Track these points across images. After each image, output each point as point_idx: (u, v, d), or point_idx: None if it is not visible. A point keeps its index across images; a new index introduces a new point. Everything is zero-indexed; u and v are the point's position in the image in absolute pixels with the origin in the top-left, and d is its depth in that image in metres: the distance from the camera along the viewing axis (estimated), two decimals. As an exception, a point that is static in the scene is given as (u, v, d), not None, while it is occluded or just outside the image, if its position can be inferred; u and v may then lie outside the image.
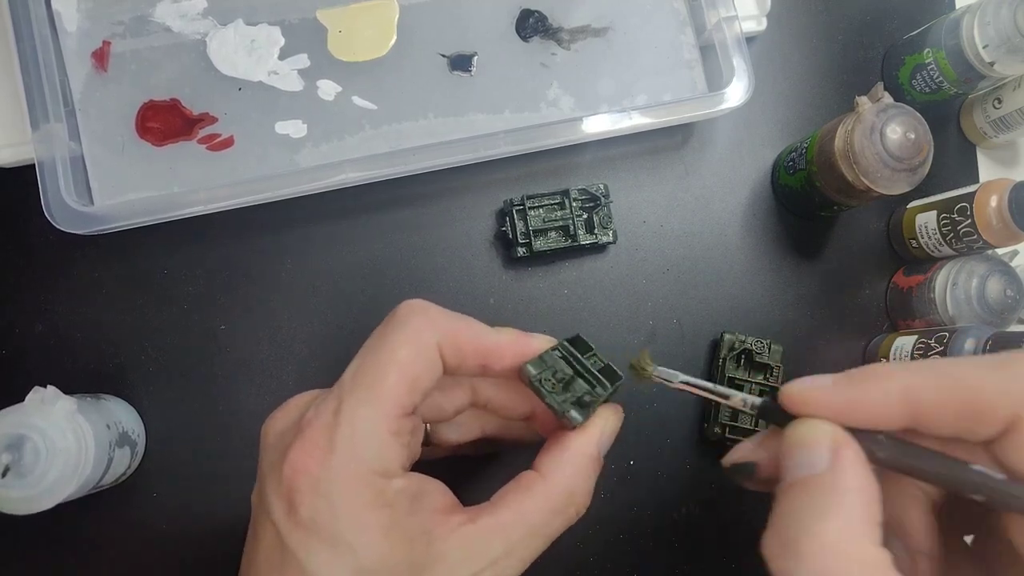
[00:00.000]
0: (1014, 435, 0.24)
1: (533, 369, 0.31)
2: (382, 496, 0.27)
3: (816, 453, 0.25)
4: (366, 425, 0.27)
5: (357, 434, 0.27)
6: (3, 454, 0.39)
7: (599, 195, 0.53)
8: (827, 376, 0.26)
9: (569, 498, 0.31)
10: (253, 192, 0.48)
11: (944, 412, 0.25)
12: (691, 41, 0.56)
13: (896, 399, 0.25)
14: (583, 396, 0.32)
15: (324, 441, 0.27)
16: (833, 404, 0.26)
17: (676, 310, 0.56)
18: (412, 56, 0.53)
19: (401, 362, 0.28)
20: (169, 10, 0.52)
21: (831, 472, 0.24)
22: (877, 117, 0.47)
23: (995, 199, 0.50)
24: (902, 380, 0.25)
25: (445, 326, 0.30)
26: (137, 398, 0.50)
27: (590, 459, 0.31)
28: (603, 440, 0.32)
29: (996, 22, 0.49)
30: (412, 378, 0.28)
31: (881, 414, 0.25)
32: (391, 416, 0.28)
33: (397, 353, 0.28)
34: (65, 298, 0.51)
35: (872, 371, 0.26)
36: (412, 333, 0.29)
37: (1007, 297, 0.51)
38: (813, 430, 0.25)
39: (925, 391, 0.25)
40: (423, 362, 0.29)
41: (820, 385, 0.26)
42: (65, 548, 0.49)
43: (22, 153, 0.49)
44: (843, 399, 0.25)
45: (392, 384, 0.28)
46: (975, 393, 0.24)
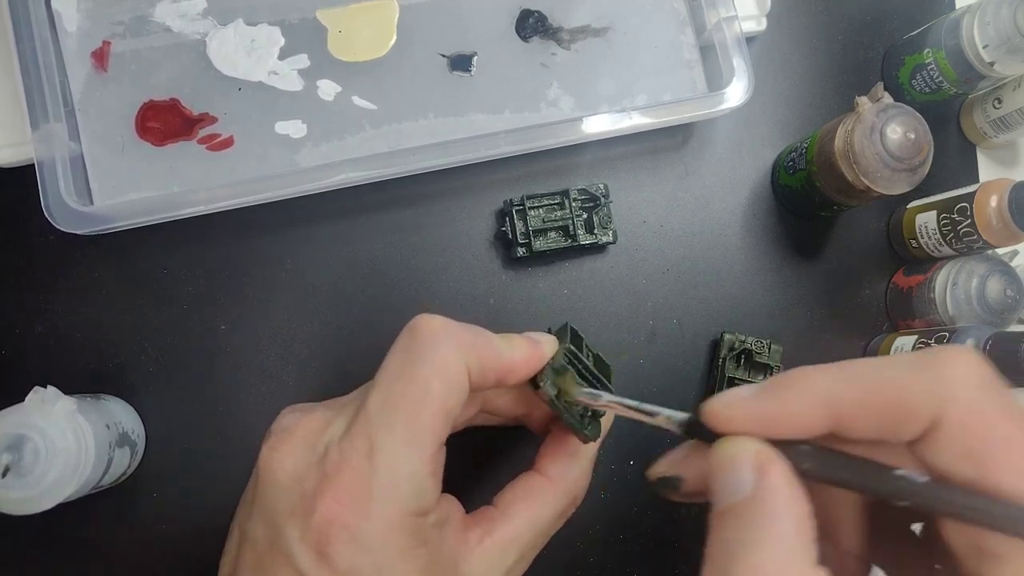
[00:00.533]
0: (936, 435, 0.23)
1: (551, 389, 0.32)
2: (419, 536, 0.26)
3: (741, 474, 0.24)
4: (407, 469, 0.26)
5: (398, 480, 0.26)
6: (3, 454, 0.39)
7: (599, 195, 0.53)
8: (748, 387, 0.26)
9: (574, 500, 0.31)
10: (253, 192, 0.48)
11: (867, 415, 0.24)
12: (691, 41, 0.56)
13: (818, 405, 0.24)
14: (592, 409, 0.32)
15: (361, 490, 0.26)
16: (754, 417, 0.25)
17: (676, 310, 0.56)
18: (412, 56, 0.53)
19: (436, 395, 0.27)
20: (169, 10, 0.52)
21: (758, 494, 0.23)
22: (877, 117, 0.47)
23: (995, 199, 0.50)
24: (823, 385, 0.24)
25: (471, 350, 0.29)
26: (137, 398, 0.50)
27: (592, 461, 0.32)
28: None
29: (996, 22, 0.49)
30: (447, 411, 0.28)
31: (804, 422, 0.24)
32: (430, 456, 0.27)
33: (431, 385, 0.27)
34: (65, 298, 0.51)
35: (792, 378, 0.25)
36: (442, 363, 0.28)
37: (1007, 297, 0.51)
38: (737, 448, 0.24)
39: (847, 395, 0.24)
40: (456, 393, 0.28)
41: (740, 398, 0.25)
42: (65, 548, 0.49)
43: (22, 153, 0.49)
44: (764, 411, 0.25)
45: (429, 421, 0.27)
46: (897, 394, 0.24)
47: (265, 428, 0.51)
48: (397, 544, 0.26)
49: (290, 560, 0.26)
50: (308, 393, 0.52)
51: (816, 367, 0.25)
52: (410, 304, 0.53)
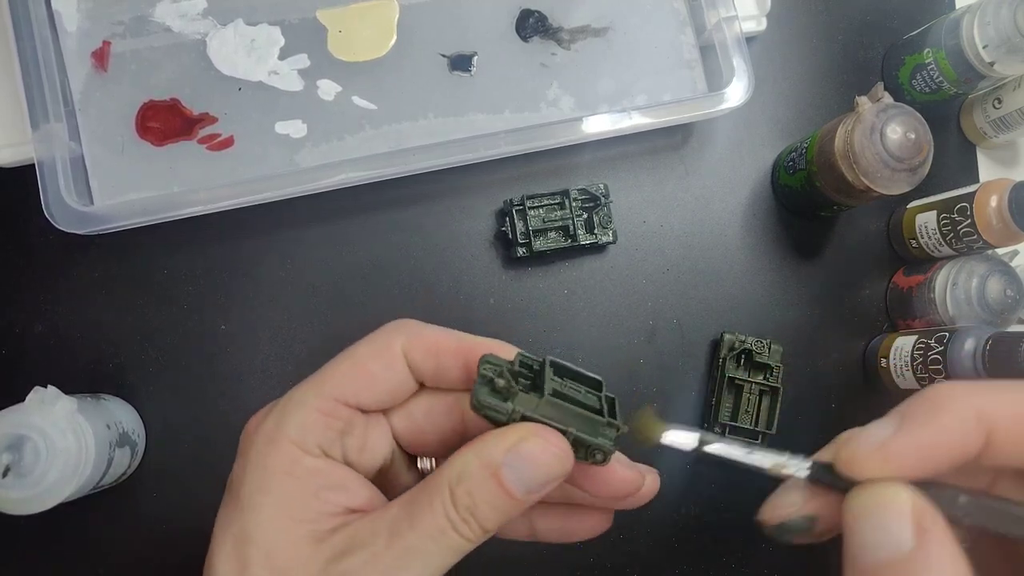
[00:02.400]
0: None
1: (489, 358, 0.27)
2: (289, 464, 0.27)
3: (897, 530, 0.21)
4: (300, 400, 0.28)
5: (289, 407, 0.28)
6: (3, 454, 0.39)
7: (599, 195, 0.53)
8: (884, 423, 0.23)
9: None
10: (253, 192, 0.48)
11: (1021, 440, 0.22)
12: (691, 41, 0.56)
13: (972, 426, 0.21)
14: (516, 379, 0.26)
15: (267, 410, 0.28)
16: (904, 455, 0.22)
17: (676, 310, 0.56)
18: (412, 56, 0.53)
19: (356, 355, 0.29)
20: (169, 10, 0.52)
21: (919, 554, 0.20)
22: (877, 117, 0.47)
23: (995, 199, 0.50)
24: (974, 405, 0.22)
25: (416, 332, 0.29)
26: (137, 398, 0.50)
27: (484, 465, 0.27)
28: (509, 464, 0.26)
29: (996, 22, 0.49)
30: (365, 372, 0.28)
31: (959, 449, 0.22)
32: (327, 397, 0.28)
33: (356, 350, 0.29)
34: (65, 298, 0.51)
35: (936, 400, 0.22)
36: (377, 337, 0.29)
37: (1007, 297, 0.51)
38: (887, 499, 0.21)
39: (1001, 416, 0.22)
40: (379, 361, 0.29)
41: (881, 437, 0.22)
42: (65, 548, 0.49)
43: (22, 153, 0.49)
44: (915, 447, 0.22)
45: (341, 371, 0.28)
46: None
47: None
48: (268, 459, 0.27)
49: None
50: (308, 393, 0.52)
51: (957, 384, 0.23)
52: (410, 304, 0.53)
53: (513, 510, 0.25)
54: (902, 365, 0.52)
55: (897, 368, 0.53)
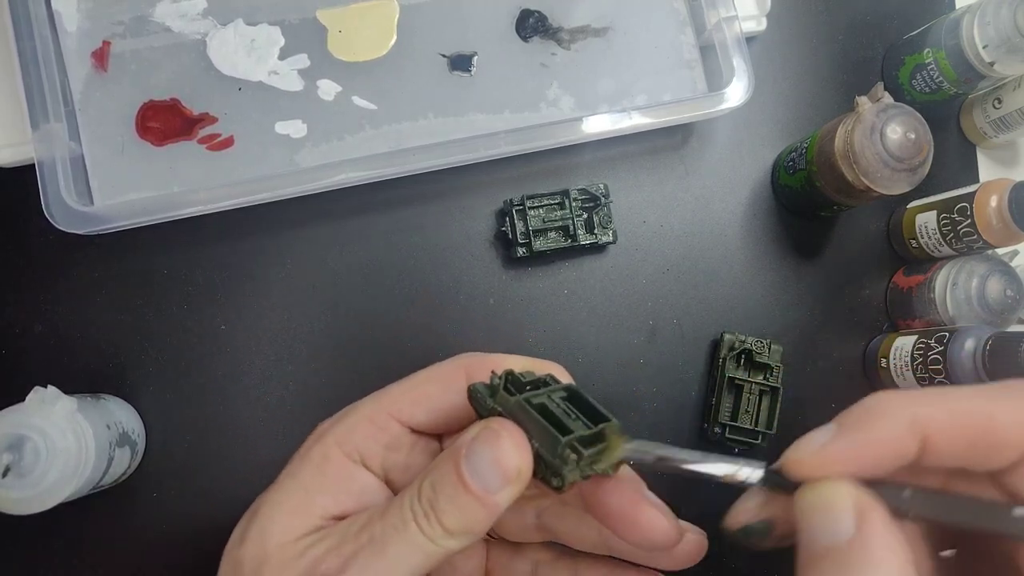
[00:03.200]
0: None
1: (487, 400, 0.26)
2: (322, 460, 0.28)
3: (839, 519, 0.23)
4: (358, 410, 0.29)
5: (347, 414, 0.29)
6: (3, 454, 0.39)
7: (599, 195, 0.53)
8: (824, 429, 0.24)
9: None
10: (253, 192, 0.48)
11: (954, 441, 0.23)
12: (691, 41, 0.56)
13: (906, 432, 0.23)
14: (505, 386, 0.26)
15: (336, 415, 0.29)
16: (841, 457, 0.24)
17: (676, 310, 0.56)
18: (412, 56, 0.53)
19: (416, 378, 0.29)
20: (169, 10, 0.52)
21: (859, 540, 0.22)
22: (877, 117, 0.47)
23: (995, 199, 0.50)
24: (909, 409, 0.23)
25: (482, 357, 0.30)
26: (137, 398, 0.50)
27: (451, 453, 0.27)
28: (472, 452, 0.25)
29: (996, 22, 0.49)
30: (422, 393, 0.29)
31: (895, 452, 0.23)
32: (380, 410, 0.29)
33: (418, 375, 0.30)
34: (65, 298, 0.51)
35: (873, 408, 0.24)
36: (440, 365, 0.30)
37: (1007, 297, 0.51)
38: (831, 494, 0.23)
39: (934, 419, 0.23)
40: (439, 386, 0.29)
41: (821, 441, 0.24)
42: (65, 548, 0.49)
43: (22, 153, 0.49)
44: (850, 449, 0.24)
45: (399, 390, 0.29)
46: (988, 422, 0.23)
47: (264, 428, 0.51)
48: (311, 454, 0.28)
49: None
50: (308, 392, 0.52)
51: (894, 392, 0.25)
52: (410, 304, 0.53)
53: (473, 512, 0.24)
54: (902, 365, 0.52)
55: (897, 368, 0.53)
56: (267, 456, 0.51)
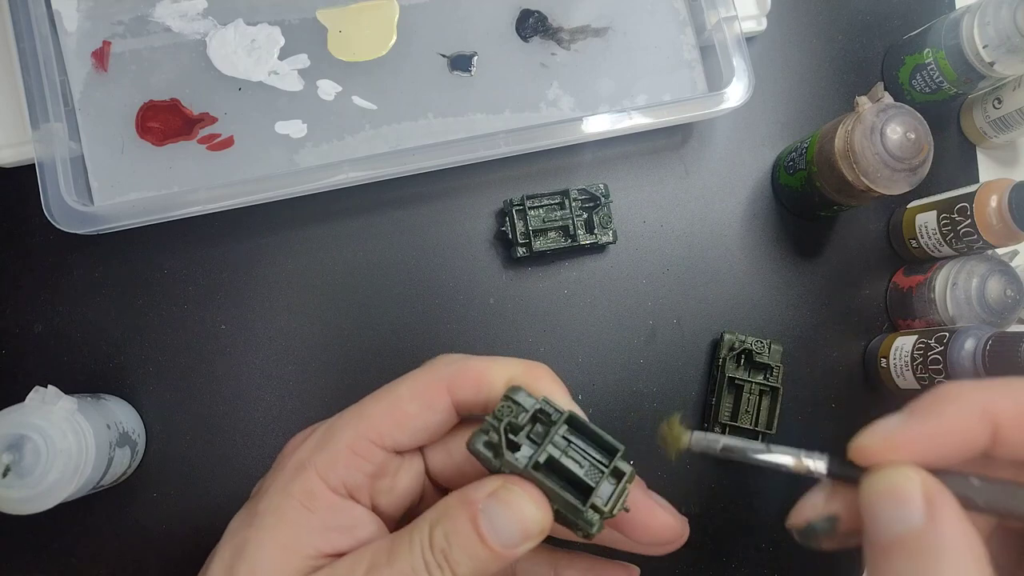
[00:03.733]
0: None
1: (512, 392, 0.26)
2: (308, 495, 0.27)
3: (908, 505, 0.22)
4: (335, 434, 0.27)
5: (324, 439, 0.27)
6: (4, 454, 0.39)
7: (599, 195, 0.53)
8: (895, 416, 0.24)
9: None
10: (253, 192, 0.48)
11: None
12: (691, 41, 0.56)
13: (977, 420, 0.23)
14: (510, 444, 0.25)
15: (306, 435, 0.28)
16: (916, 444, 0.23)
17: (676, 310, 0.56)
18: (412, 56, 0.53)
19: (396, 395, 0.28)
20: (169, 10, 0.52)
21: (931, 527, 0.21)
22: (877, 117, 0.47)
23: (995, 199, 0.50)
24: (980, 396, 0.23)
25: (461, 367, 0.28)
26: (137, 398, 0.50)
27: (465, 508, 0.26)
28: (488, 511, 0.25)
29: (996, 22, 0.49)
30: (403, 414, 0.27)
31: (966, 440, 0.23)
32: (361, 437, 0.27)
33: (397, 389, 0.28)
34: (65, 298, 0.51)
35: (944, 396, 0.23)
36: (419, 376, 0.28)
37: (1007, 297, 0.51)
38: (899, 479, 0.23)
39: (1005, 411, 0.23)
40: (419, 403, 0.28)
41: (891, 427, 0.23)
42: (65, 548, 0.49)
43: (22, 153, 0.49)
44: (920, 435, 0.23)
45: (379, 411, 0.28)
46: None
47: (264, 428, 0.51)
48: (289, 486, 0.27)
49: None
50: (308, 392, 0.52)
51: (967, 382, 0.24)
52: (410, 304, 0.53)
53: (488, 563, 0.24)
54: (902, 365, 0.52)
55: (897, 368, 0.53)
56: (267, 456, 0.51)
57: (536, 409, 0.26)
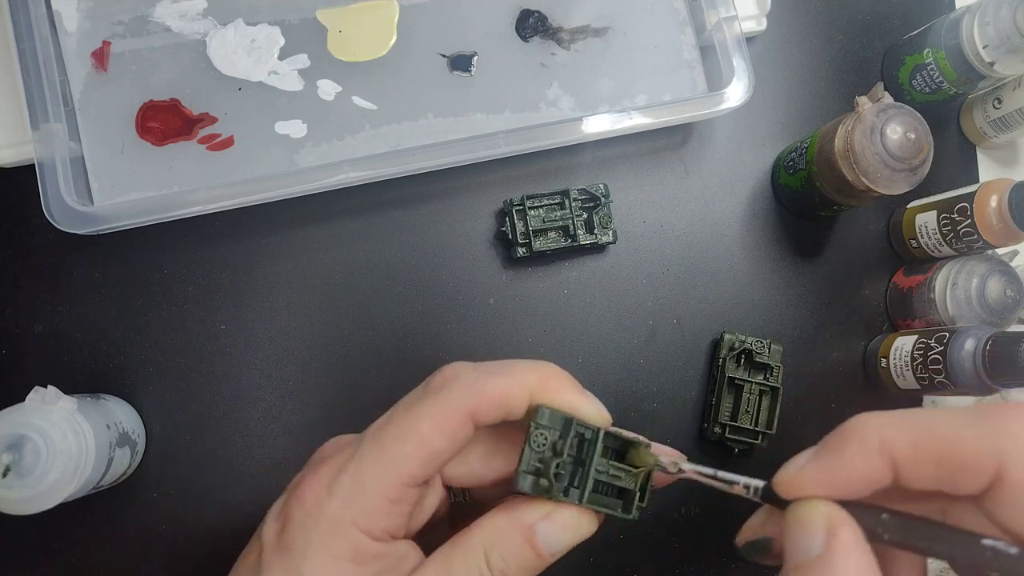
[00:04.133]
0: (998, 490, 0.24)
1: (542, 419, 0.28)
2: (355, 552, 0.27)
3: (811, 535, 0.25)
4: (367, 484, 0.27)
5: (355, 489, 0.27)
6: (4, 454, 0.39)
7: (599, 195, 0.53)
8: (808, 451, 0.26)
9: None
10: (253, 192, 0.48)
11: (922, 464, 0.24)
12: (691, 41, 0.56)
13: (876, 455, 0.25)
14: (555, 476, 0.28)
15: (328, 481, 0.27)
16: (819, 479, 0.25)
17: (676, 310, 0.56)
18: (412, 56, 0.53)
19: (421, 434, 0.27)
20: (169, 10, 0.52)
21: (827, 555, 0.24)
22: (877, 117, 0.47)
23: (995, 199, 0.50)
24: (877, 432, 0.25)
25: (479, 390, 0.28)
26: (137, 398, 0.50)
27: (518, 533, 0.28)
28: (544, 532, 0.28)
29: (996, 22, 0.49)
30: (430, 452, 0.28)
31: (867, 474, 0.25)
32: (396, 484, 0.27)
33: (420, 425, 0.28)
34: (65, 298, 0.51)
35: (848, 430, 0.26)
36: (441, 406, 0.28)
37: (1007, 297, 0.51)
38: (807, 511, 0.25)
39: (901, 441, 0.24)
40: (445, 437, 0.28)
41: (801, 464, 0.26)
42: (65, 548, 0.49)
43: (22, 153, 0.49)
44: (827, 471, 0.25)
45: (407, 454, 0.27)
46: (953, 446, 0.24)
47: (264, 428, 0.51)
48: (331, 547, 0.27)
49: (261, 531, 0.28)
50: (308, 392, 0.52)
51: (873, 414, 0.26)
52: (410, 304, 0.53)
53: (540, 569, 0.28)
54: (902, 365, 0.52)
55: (897, 368, 0.53)
56: (267, 456, 0.51)
57: (574, 436, 0.28)
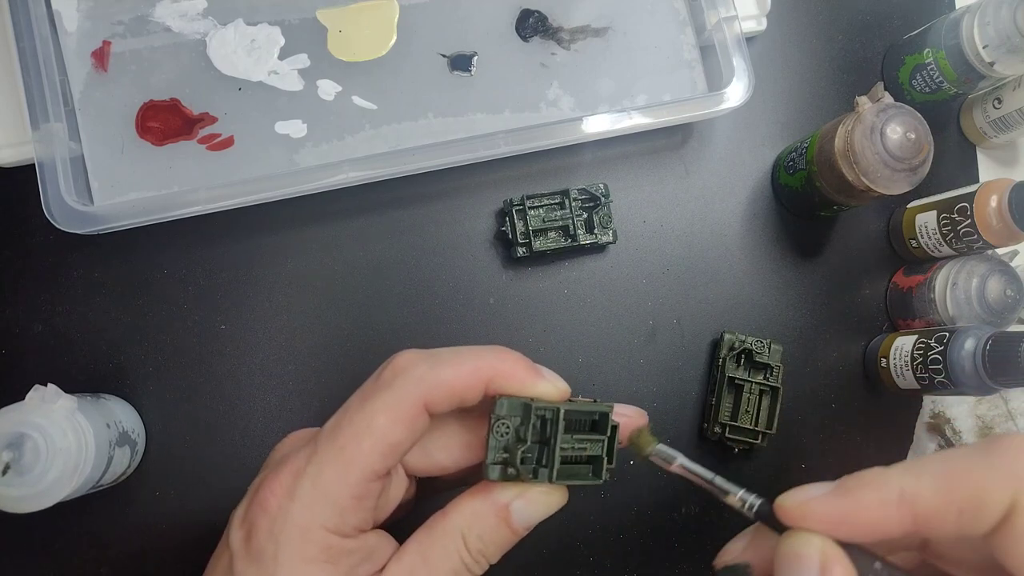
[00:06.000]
0: (1010, 525, 0.23)
1: (501, 409, 0.29)
2: (327, 552, 0.27)
3: (804, 569, 0.24)
4: (329, 485, 0.27)
5: (318, 491, 0.27)
6: (3, 452, 0.39)
7: (599, 195, 0.53)
8: (822, 485, 0.26)
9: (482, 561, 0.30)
10: (253, 192, 0.48)
11: (947, 513, 0.24)
12: (691, 41, 0.56)
13: (894, 505, 0.24)
14: (521, 463, 0.28)
15: (288, 485, 0.27)
16: (828, 516, 0.25)
17: (676, 310, 0.56)
18: (412, 56, 0.53)
19: (378, 428, 0.28)
20: (169, 10, 0.52)
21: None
22: (877, 117, 0.47)
23: (995, 199, 0.50)
24: (897, 485, 0.24)
25: (433, 380, 0.28)
26: (137, 398, 0.50)
27: (493, 514, 0.29)
28: (518, 510, 0.29)
29: (996, 22, 0.49)
30: (388, 445, 0.28)
31: (880, 523, 0.24)
32: (357, 481, 0.27)
33: (376, 419, 0.28)
34: (65, 298, 0.51)
35: (866, 478, 0.25)
36: (394, 398, 0.28)
37: (1007, 297, 0.51)
38: (804, 545, 0.25)
39: (923, 493, 0.24)
40: (402, 430, 0.28)
41: (814, 496, 0.25)
42: (65, 548, 0.49)
43: (22, 153, 0.49)
44: (838, 510, 0.25)
45: (365, 450, 0.27)
46: (973, 486, 0.24)
47: (264, 428, 0.51)
48: (302, 550, 0.27)
49: (228, 538, 0.28)
50: (308, 392, 0.52)
51: (892, 467, 0.25)
52: (410, 304, 0.53)
53: (514, 543, 0.29)
54: (902, 365, 0.52)
55: (897, 368, 0.53)
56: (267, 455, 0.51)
57: (532, 421, 0.29)
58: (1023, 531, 0.23)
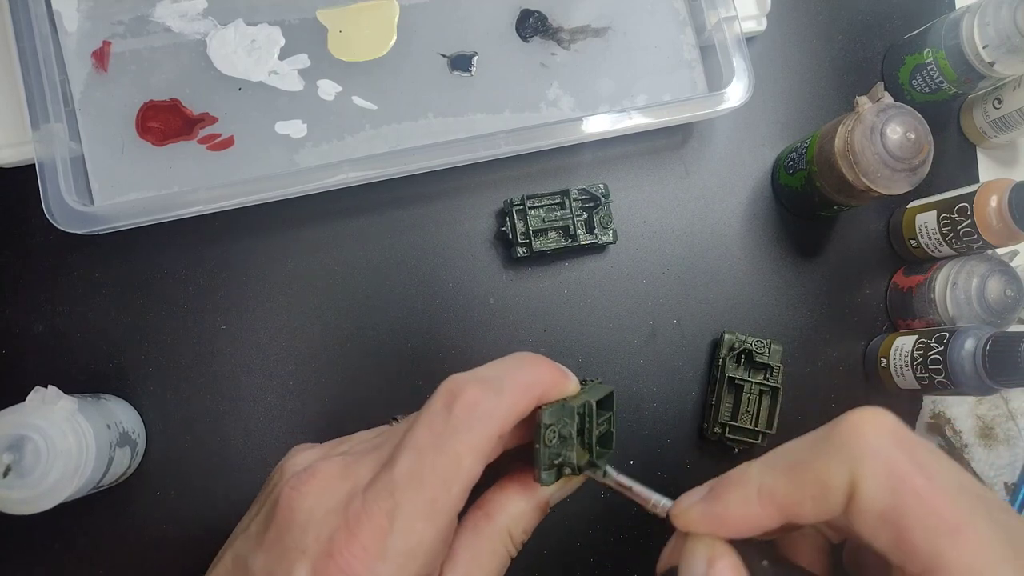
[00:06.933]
0: (854, 502, 0.24)
1: (548, 419, 0.30)
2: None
3: (695, 564, 0.26)
4: (423, 539, 0.27)
5: (412, 548, 0.26)
6: (4, 454, 0.39)
7: (599, 195, 0.53)
8: (701, 488, 0.28)
9: (511, 550, 0.31)
10: (253, 192, 0.48)
11: (802, 502, 0.25)
12: (691, 41, 0.56)
13: (756, 502, 0.26)
14: (564, 460, 0.31)
15: (376, 548, 0.26)
16: (704, 519, 0.27)
17: (676, 310, 0.56)
18: (412, 56, 0.53)
19: (465, 472, 0.28)
20: (169, 10, 0.52)
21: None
22: (877, 117, 0.47)
23: (995, 199, 0.50)
24: (757, 481, 0.26)
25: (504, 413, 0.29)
26: (137, 398, 0.50)
27: (540, 514, 0.32)
28: (551, 499, 0.32)
29: (996, 22, 0.49)
30: (472, 483, 0.28)
31: (749, 519, 0.26)
32: (447, 525, 0.27)
33: (462, 463, 0.28)
34: (65, 298, 0.51)
35: (732, 478, 0.27)
36: (477, 439, 0.28)
37: (1007, 297, 0.51)
38: (694, 542, 0.27)
39: (777, 487, 0.25)
40: (482, 466, 0.28)
41: (693, 501, 0.28)
42: (65, 548, 0.49)
43: (22, 153, 0.49)
44: (710, 513, 0.27)
45: (455, 496, 0.27)
46: (816, 473, 0.25)
47: (264, 428, 0.51)
48: None
49: None
50: (308, 392, 0.52)
51: (753, 462, 0.27)
52: (410, 304, 0.53)
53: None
54: (902, 365, 0.52)
55: (897, 368, 0.53)
56: (268, 455, 0.51)
57: (575, 421, 0.31)
58: (867, 506, 0.24)
